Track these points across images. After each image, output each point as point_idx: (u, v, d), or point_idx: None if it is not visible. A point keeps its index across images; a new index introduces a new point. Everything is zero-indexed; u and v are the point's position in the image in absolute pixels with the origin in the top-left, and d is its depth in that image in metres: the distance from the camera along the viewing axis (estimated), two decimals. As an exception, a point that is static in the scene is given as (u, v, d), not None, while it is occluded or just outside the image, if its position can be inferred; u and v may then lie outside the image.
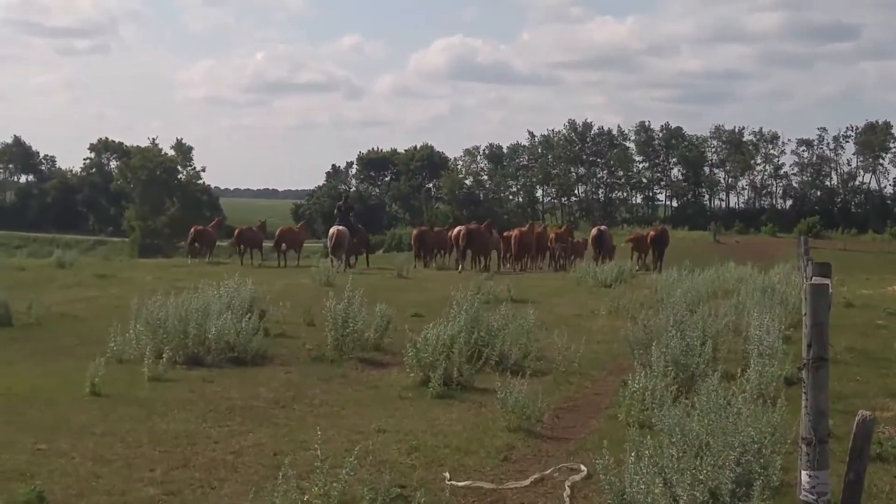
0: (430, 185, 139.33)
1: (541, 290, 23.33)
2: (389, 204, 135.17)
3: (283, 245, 34.76)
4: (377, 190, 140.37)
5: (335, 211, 35.62)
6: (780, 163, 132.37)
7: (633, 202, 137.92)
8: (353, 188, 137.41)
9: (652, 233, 39.39)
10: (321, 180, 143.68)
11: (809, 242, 38.05)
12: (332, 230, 31.89)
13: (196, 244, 36.13)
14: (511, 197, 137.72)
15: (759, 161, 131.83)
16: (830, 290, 5.55)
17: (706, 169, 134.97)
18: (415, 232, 38.22)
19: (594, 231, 38.46)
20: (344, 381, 11.31)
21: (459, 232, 33.65)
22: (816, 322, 5.16)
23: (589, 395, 10.96)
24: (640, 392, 9.21)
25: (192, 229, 36.97)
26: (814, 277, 6.90)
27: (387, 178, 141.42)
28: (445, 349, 10.99)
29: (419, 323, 13.60)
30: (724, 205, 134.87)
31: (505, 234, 37.96)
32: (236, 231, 36.04)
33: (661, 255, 37.02)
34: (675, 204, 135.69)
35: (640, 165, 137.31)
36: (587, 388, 11.39)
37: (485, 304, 15.13)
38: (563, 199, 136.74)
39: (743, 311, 14.89)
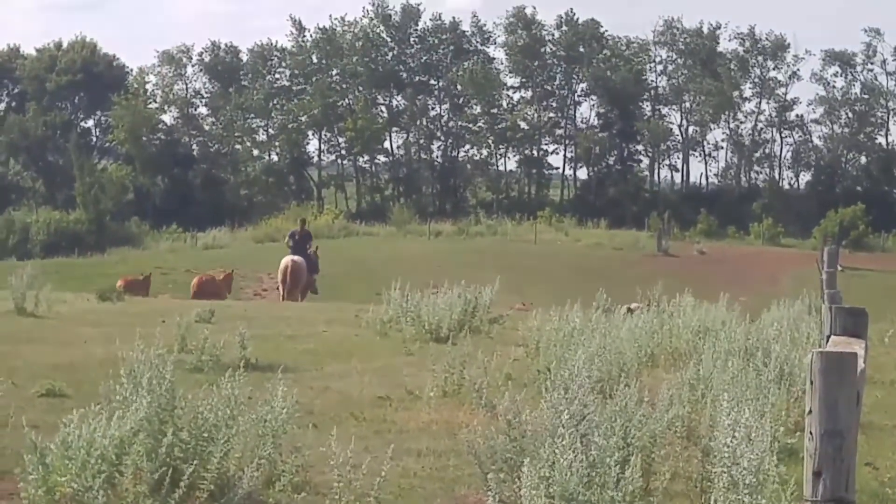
0: (91, 120, 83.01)
1: (311, 343, 13.91)
2: (3, 161, 79.53)
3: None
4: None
5: (287, 237, 28.43)
6: (789, 97, 76.61)
7: (501, 168, 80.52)
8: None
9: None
10: None
11: (843, 257, 30.01)
12: (286, 260, 26.83)
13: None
14: (257, 152, 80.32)
15: (748, 92, 77.34)
16: (862, 364, 3.33)
17: (645, 105, 78.93)
18: None
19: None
20: None
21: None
22: (831, 430, 2.97)
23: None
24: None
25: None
26: (832, 337, 4.23)
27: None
28: (108, 466, 6.30)
29: (55, 409, 8.44)
30: (679, 179, 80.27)
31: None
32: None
33: None
34: (583, 175, 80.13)
35: (517, 94, 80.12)
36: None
37: (191, 374, 10.04)
38: (360, 160, 79.30)
39: (706, 398, 8.73)
